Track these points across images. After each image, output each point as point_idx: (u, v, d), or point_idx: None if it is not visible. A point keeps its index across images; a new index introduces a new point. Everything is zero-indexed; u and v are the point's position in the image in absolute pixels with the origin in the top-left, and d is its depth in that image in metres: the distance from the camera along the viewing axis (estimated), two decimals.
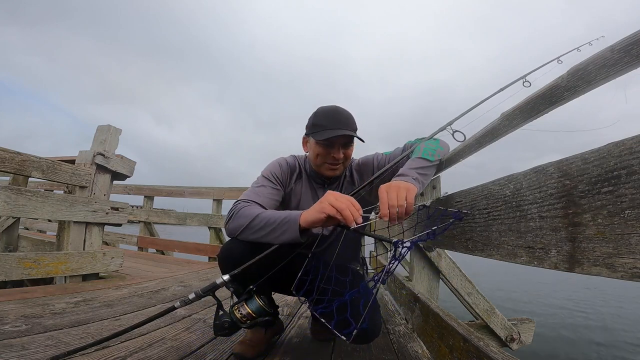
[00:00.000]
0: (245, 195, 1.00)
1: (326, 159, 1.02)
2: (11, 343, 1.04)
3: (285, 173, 1.11)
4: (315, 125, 1.02)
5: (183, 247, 4.40)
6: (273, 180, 1.07)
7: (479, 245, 0.81)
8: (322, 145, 1.01)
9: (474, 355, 0.84)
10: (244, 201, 0.96)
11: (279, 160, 1.14)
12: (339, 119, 1.00)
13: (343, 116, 1.01)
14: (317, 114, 1.03)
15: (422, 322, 1.39)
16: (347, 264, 1.14)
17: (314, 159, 1.06)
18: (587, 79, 0.62)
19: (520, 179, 0.63)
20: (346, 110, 1.03)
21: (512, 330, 2.42)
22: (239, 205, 0.94)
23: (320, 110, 1.04)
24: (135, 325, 0.90)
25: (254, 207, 0.93)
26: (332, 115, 1.01)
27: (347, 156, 1.04)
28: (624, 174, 0.40)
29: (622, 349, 4.02)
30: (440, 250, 1.91)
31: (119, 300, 1.80)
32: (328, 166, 1.04)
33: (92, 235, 2.42)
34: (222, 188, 4.50)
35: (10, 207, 1.88)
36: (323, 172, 1.06)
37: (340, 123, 0.99)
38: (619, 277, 0.41)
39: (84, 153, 2.45)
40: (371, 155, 1.16)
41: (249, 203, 0.95)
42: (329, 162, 1.03)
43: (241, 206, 0.93)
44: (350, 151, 1.04)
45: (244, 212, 0.91)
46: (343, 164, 1.05)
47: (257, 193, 1.01)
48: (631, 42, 0.51)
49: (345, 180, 1.15)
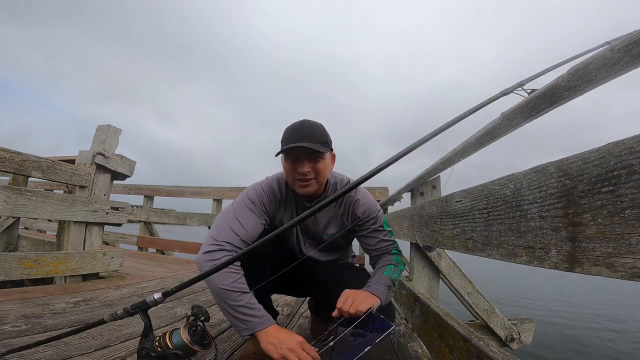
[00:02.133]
0: (226, 225, 0.96)
1: (295, 175, 0.98)
2: (11, 343, 1.04)
3: (272, 202, 1.07)
4: (281, 142, 0.99)
5: (183, 247, 4.40)
6: (262, 210, 1.03)
7: (479, 244, 0.81)
8: (287, 161, 0.98)
9: (474, 355, 0.84)
10: (229, 248, 0.92)
11: (264, 186, 1.07)
12: (302, 132, 0.96)
13: (306, 128, 0.97)
14: (284, 131, 1.00)
15: (422, 322, 1.39)
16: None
17: (287, 177, 1.03)
18: (587, 78, 0.62)
19: (520, 178, 0.63)
20: (312, 122, 0.99)
21: (512, 330, 2.42)
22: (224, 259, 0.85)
23: (286, 129, 1.00)
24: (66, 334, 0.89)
25: (235, 275, 0.89)
26: (295, 129, 0.97)
27: (318, 170, 0.98)
28: (624, 173, 0.40)
29: (622, 351, 4.02)
30: (440, 250, 1.91)
31: (119, 300, 1.80)
32: (298, 183, 0.99)
33: (92, 235, 2.42)
34: (222, 188, 4.50)
35: (10, 207, 1.88)
36: (296, 189, 1.01)
37: (303, 137, 0.95)
38: (619, 277, 0.41)
39: (84, 153, 2.45)
40: (375, 211, 1.10)
41: (229, 252, 0.91)
42: (297, 178, 0.98)
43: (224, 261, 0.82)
44: (320, 165, 0.98)
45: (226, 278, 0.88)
46: (316, 180, 0.99)
47: (239, 223, 0.97)
48: (631, 42, 0.51)
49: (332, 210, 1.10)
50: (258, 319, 0.88)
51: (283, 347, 0.82)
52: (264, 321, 0.88)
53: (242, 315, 0.88)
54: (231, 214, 0.99)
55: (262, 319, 0.89)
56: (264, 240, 0.77)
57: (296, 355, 0.81)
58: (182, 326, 0.84)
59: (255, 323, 0.87)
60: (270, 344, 0.85)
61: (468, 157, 1.25)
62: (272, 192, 1.06)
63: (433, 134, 0.75)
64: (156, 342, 0.82)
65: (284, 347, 0.82)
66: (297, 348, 0.82)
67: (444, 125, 0.77)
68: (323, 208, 0.78)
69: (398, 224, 2.11)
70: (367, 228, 1.09)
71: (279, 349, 0.82)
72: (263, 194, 1.04)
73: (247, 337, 0.96)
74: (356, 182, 0.78)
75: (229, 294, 0.87)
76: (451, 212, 1.04)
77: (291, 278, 1.03)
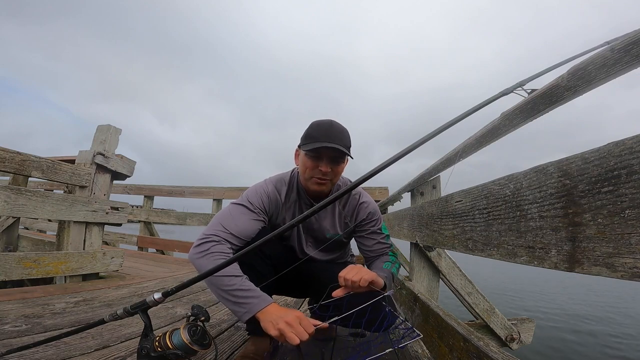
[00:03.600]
0: (217, 221, 0.96)
1: (314, 172, 0.99)
2: (11, 343, 1.04)
3: (273, 203, 1.07)
4: (307, 137, 0.99)
5: (183, 247, 4.40)
6: (259, 211, 1.03)
7: (479, 244, 0.81)
8: (310, 157, 0.98)
9: (474, 355, 0.84)
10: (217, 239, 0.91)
11: (264, 187, 1.08)
12: (332, 133, 0.97)
13: (336, 130, 0.98)
14: (311, 126, 1.01)
15: (422, 322, 1.39)
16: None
17: (302, 172, 1.03)
18: (587, 78, 0.62)
19: (520, 178, 0.63)
20: (341, 125, 1.00)
21: (512, 330, 2.42)
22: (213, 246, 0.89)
23: (314, 122, 1.01)
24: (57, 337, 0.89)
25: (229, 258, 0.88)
26: (325, 128, 0.98)
27: (336, 172, 1.01)
28: (624, 173, 0.40)
29: (622, 350, 4.02)
30: (440, 250, 1.91)
31: (119, 300, 1.80)
32: (315, 180, 1.00)
33: (92, 235, 2.42)
34: (222, 188, 4.51)
35: (10, 207, 1.88)
36: (310, 186, 1.03)
37: (332, 137, 0.96)
38: (619, 277, 0.41)
39: (84, 153, 2.45)
40: (377, 214, 1.12)
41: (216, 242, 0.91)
42: (316, 176, 1.00)
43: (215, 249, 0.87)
44: (339, 168, 1.01)
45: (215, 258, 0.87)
46: (331, 181, 1.02)
47: (230, 217, 0.97)
48: (631, 42, 0.51)
49: (336, 210, 1.11)
50: (255, 299, 0.85)
51: (280, 322, 0.79)
52: (262, 300, 0.85)
53: (239, 298, 0.85)
54: (224, 212, 1.00)
55: (260, 298, 0.85)
56: (266, 239, 0.77)
57: (292, 330, 0.78)
58: (182, 326, 0.84)
59: (254, 303, 0.84)
60: (269, 321, 0.81)
61: (468, 157, 1.25)
62: (272, 192, 1.06)
63: (433, 134, 0.75)
64: (156, 342, 0.81)
65: (281, 322, 0.79)
66: (294, 322, 0.79)
67: (444, 125, 0.77)
68: (325, 207, 0.78)
69: (398, 224, 2.11)
70: (367, 229, 1.11)
71: (276, 325, 0.79)
72: (263, 193, 1.05)
73: (247, 337, 0.96)
74: (356, 182, 0.78)
75: (222, 279, 0.85)
76: (451, 212, 1.04)
77: (292, 278, 1.03)
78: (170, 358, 0.81)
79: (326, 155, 0.97)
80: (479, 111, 0.81)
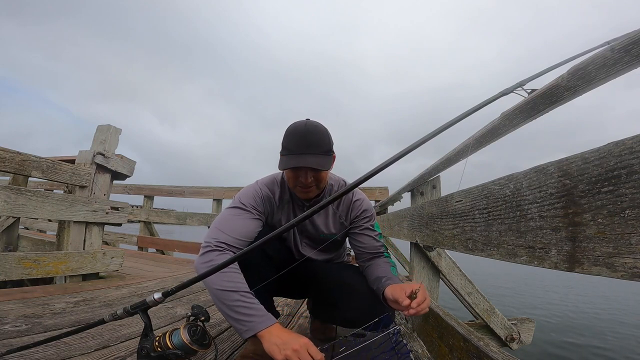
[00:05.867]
0: (216, 227, 0.96)
1: (297, 182, 0.98)
2: (11, 343, 1.04)
3: (267, 203, 1.07)
4: (283, 148, 0.96)
5: (183, 247, 4.40)
6: (254, 210, 1.02)
7: (479, 244, 0.81)
8: (290, 170, 0.96)
9: (474, 354, 0.84)
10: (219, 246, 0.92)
11: (257, 188, 1.07)
12: (307, 141, 0.93)
13: (312, 136, 0.94)
14: (287, 134, 0.97)
15: (422, 322, 1.39)
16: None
17: (288, 182, 1.03)
18: (587, 78, 0.62)
19: (520, 178, 0.63)
20: (317, 127, 0.96)
21: (512, 330, 2.42)
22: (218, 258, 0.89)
23: (290, 128, 0.97)
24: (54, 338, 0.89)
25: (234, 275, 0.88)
26: (300, 136, 0.94)
27: (319, 179, 0.99)
28: (624, 173, 0.40)
29: (622, 351, 4.02)
30: (440, 250, 1.91)
31: (119, 300, 1.80)
32: (300, 189, 1.00)
33: (92, 235, 2.42)
34: (222, 188, 4.51)
35: (10, 207, 1.88)
36: (297, 194, 1.03)
37: (308, 145, 0.92)
38: (619, 277, 0.41)
39: (84, 153, 2.45)
40: (371, 210, 1.13)
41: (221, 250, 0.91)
42: (299, 186, 0.99)
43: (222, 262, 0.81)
44: (322, 174, 0.98)
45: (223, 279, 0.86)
46: (317, 186, 1.00)
47: (230, 222, 0.97)
48: (631, 42, 0.51)
49: (330, 210, 1.12)
50: (258, 318, 0.84)
51: (287, 349, 0.78)
52: (265, 320, 0.84)
53: (242, 315, 0.84)
54: (222, 216, 1.00)
55: (263, 318, 0.85)
56: (264, 240, 0.76)
57: (300, 358, 0.77)
58: (182, 326, 0.84)
59: (256, 323, 0.84)
60: (273, 344, 0.80)
61: (468, 157, 1.25)
62: (265, 193, 1.06)
63: (433, 134, 0.75)
64: (156, 342, 0.81)
65: (288, 349, 0.78)
66: (302, 350, 0.78)
67: (444, 125, 0.77)
68: (324, 208, 0.78)
69: (398, 223, 2.11)
70: (360, 225, 1.10)
71: (282, 350, 0.78)
72: (256, 194, 1.04)
73: None
74: (356, 182, 0.77)
75: (227, 294, 0.85)
76: (451, 212, 1.04)
77: (290, 279, 1.03)
78: (170, 358, 0.80)
79: (304, 168, 0.94)
80: (479, 111, 0.81)
